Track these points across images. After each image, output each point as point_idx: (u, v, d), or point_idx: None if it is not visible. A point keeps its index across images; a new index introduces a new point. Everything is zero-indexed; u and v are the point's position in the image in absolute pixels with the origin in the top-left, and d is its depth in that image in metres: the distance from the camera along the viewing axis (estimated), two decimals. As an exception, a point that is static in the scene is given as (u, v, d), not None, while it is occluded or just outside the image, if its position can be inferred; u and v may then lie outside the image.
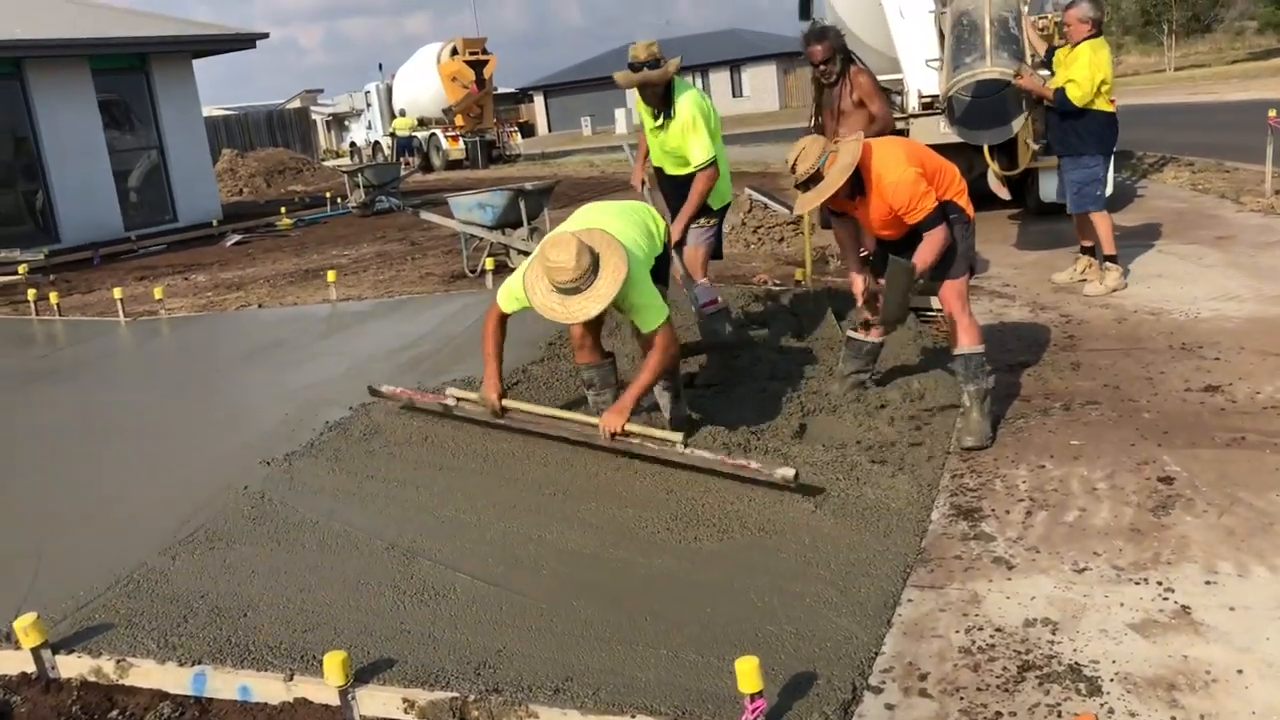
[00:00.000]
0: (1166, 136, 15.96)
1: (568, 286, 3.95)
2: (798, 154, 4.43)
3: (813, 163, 4.37)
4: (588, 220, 4.42)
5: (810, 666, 2.94)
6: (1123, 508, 3.77)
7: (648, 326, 4.20)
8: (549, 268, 3.95)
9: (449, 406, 4.81)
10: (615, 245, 4.06)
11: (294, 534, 3.97)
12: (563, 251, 3.92)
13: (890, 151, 4.47)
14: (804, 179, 4.41)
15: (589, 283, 3.96)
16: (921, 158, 4.52)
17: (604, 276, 3.98)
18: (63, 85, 15.91)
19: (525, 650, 3.10)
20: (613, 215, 4.51)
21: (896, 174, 4.39)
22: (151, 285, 10.65)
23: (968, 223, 4.64)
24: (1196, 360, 5.28)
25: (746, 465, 3.94)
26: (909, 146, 4.61)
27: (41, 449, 5.44)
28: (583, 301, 3.99)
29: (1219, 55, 47.16)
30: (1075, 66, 6.75)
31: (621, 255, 4.03)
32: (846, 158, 4.38)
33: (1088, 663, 2.85)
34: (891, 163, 4.42)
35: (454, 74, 28.42)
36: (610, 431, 4.21)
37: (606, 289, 3.97)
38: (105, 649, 3.21)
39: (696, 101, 5.33)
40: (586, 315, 4.05)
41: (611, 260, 4.00)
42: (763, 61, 52.12)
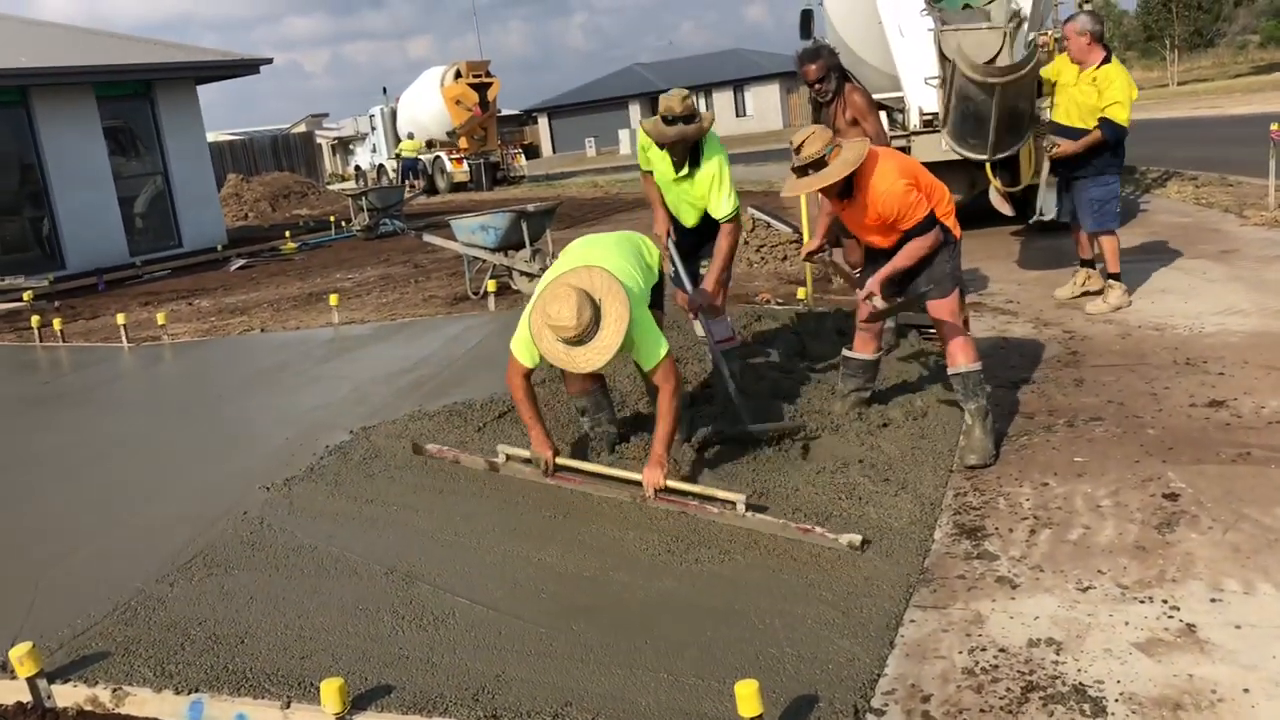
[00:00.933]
0: (1169, 151, 15.95)
1: (571, 339, 3.91)
2: (806, 136, 4.43)
3: (819, 148, 4.38)
4: (587, 257, 4.33)
5: (812, 689, 2.90)
6: (1127, 525, 3.73)
7: (649, 363, 4.14)
8: (551, 325, 3.90)
9: (496, 465, 4.62)
10: (615, 288, 3.98)
11: (292, 559, 3.95)
12: (563, 307, 3.86)
13: (887, 163, 4.50)
14: (807, 162, 4.41)
15: (592, 334, 3.91)
16: (915, 173, 4.55)
17: (606, 326, 3.92)
18: (68, 112, 16.00)
19: (524, 675, 3.07)
20: (610, 249, 4.44)
21: (887, 184, 4.43)
22: (155, 311, 10.68)
23: (954, 243, 4.67)
24: (1201, 375, 5.24)
25: (811, 530, 3.81)
26: (904, 162, 4.63)
27: (42, 475, 5.43)
28: (588, 353, 3.93)
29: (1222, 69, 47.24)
30: (1113, 89, 6.68)
31: (623, 299, 3.96)
32: (851, 154, 4.41)
33: (1092, 683, 2.82)
34: (885, 172, 4.46)
35: (458, 97, 28.57)
36: (654, 487, 4.11)
37: (610, 340, 3.91)
38: (101, 677, 3.19)
39: (725, 160, 5.17)
40: (593, 366, 3.99)
41: (613, 308, 3.94)
42: (766, 81, 52.31)
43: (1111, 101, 6.69)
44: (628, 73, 59.13)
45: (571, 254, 4.51)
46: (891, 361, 5.80)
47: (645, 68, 59.10)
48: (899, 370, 5.67)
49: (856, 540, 3.70)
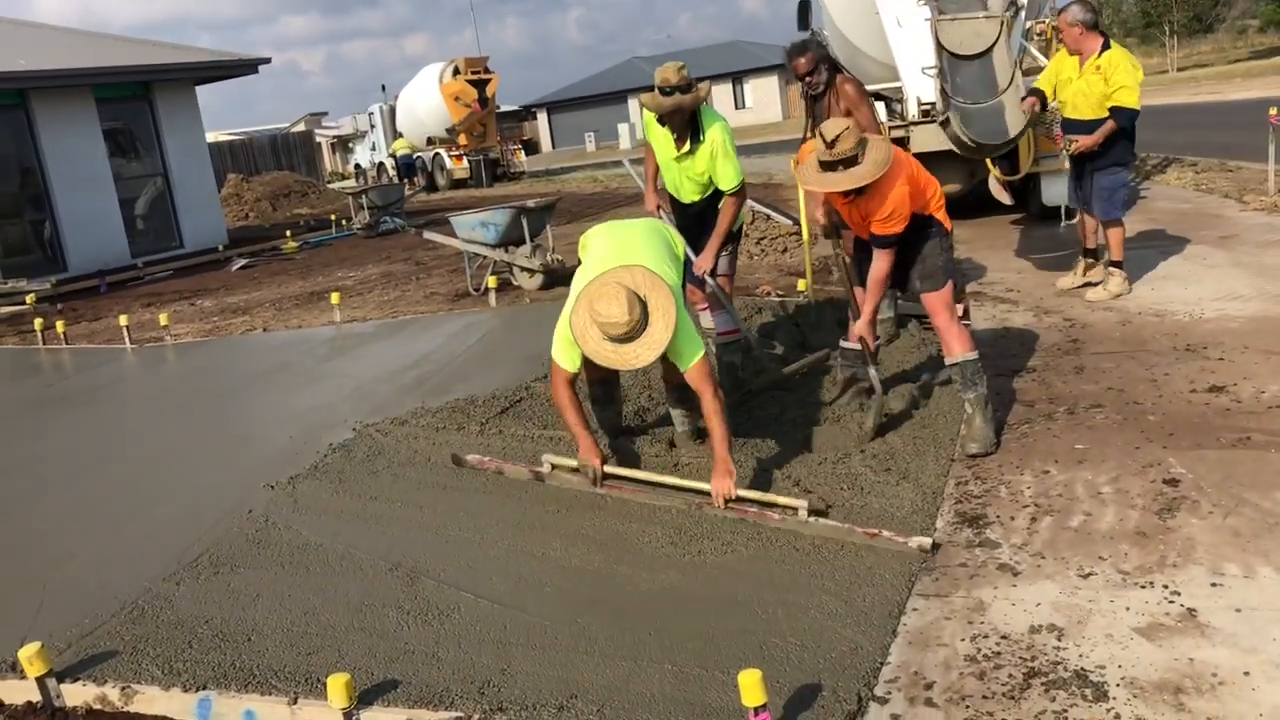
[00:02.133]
0: (1169, 137, 15.94)
1: (621, 335, 3.89)
2: (840, 131, 4.31)
3: (853, 145, 4.29)
4: (622, 254, 4.24)
5: (815, 678, 2.92)
6: (1128, 511, 3.74)
7: (686, 363, 4.09)
8: (601, 323, 3.88)
9: (542, 475, 4.50)
10: (660, 286, 3.98)
11: (298, 556, 3.97)
12: (613, 305, 3.84)
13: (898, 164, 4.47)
14: (840, 158, 4.32)
15: (641, 329, 3.90)
16: (913, 174, 4.54)
17: (655, 322, 3.91)
18: (67, 115, 16.01)
19: (529, 669, 3.09)
20: (640, 243, 4.36)
21: (898, 185, 4.42)
22: (158, 311, 10.70)
23: (946, 235, 4.69)
24: (1201, 361, 5.25)
25: (879, 534, 3.76)
26: (907, 159, 4.62)
27: (47, 477, 5.46)
28: (637, 349, 3.92)
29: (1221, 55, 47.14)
30: (1118, 74, 6.65)
31: (669, 297, 3.96)
32: (881, 154, 4.37)
33: (1094, 668, 2.83)
34: (897, 173, 4.44)
35: (457, 93, 28.54)
36: (725, 498, 4.01)
37: (661, 335, 3.90)
38: (110, 676, 3.21)
39: (726, 127, 5.24)
40: (643, 362, 3.98)
41: (660, 304, 3.93)
42: (765, 73, 52.22)
43: (1118, 86, 6.67)
44: (627, 66, 59.05)
45: (600, 247, 4.43)
46: (892, 352, 5.82)
47: (644, 61, 58.98)
48: (899, 360, 5.68)
49: (927, 543, 3.63)
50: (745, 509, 4.00)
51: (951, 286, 4.71)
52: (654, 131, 5.38)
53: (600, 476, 4.30)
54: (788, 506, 3.92)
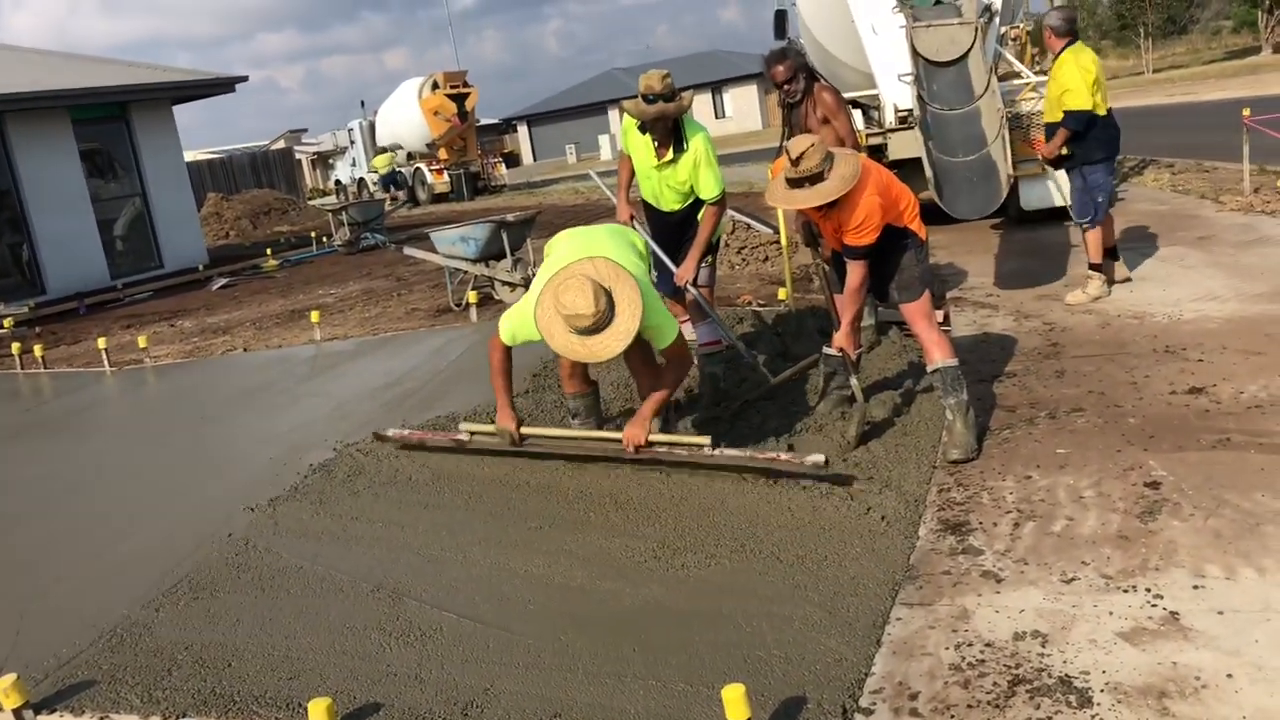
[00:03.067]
0: (1147, 139, 16.03)
1: (588, 328, 3.92)
2: (804, 149, 4.31)
3: (818, 162, 4.31)
4: (586, 247, 4.31)
5: (800, 690, 2.91)
6: (1110, 515, 3.75)
7: (663, 343, 4.24)
8: (566, 315, 3.90)
9: (463, 442, 4.71)
10: (624, 275, 4.02)
11: (278, 580, 3.94)
12: (578, 297, 3.87)
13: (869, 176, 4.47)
14: (805, 175, 4.33)
15: (608, 321, 3.94)
16: (885, 185, 4.54)
17: (622, 312, 3.95)
18: (43, 136, 15.92)
19: (513, 688, 3.07)
20: (604, 240, 4.44)
21: (868, 198, 4.42)
22: (138, 333, 10.63)
23: (921, 244, 4.69)
24: (1180, 362, 5.27)
25: (776, 458, 3.91)
26: (879, 172, 4.60)
27: (24, 503, 5.41)
28: (605, 340, 3.96)
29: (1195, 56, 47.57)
30: (1061, 76, 6.78)
31: (633, 285, 4.00)
32: (848, 169, 4.37)
33: (1078, 674, 2.83)
34: (869, 186, 4.44)
35: (436, 108, 28.53)
36: (635, 444, 4.25)
37: (628, 324, 3.95)
38: (88, 706, 3.18)
39: (708, 137, 5.24)
40: (612, 353, 4.02)
41: (625, 293, 3.97)
42: (744, 82, 52.38)
43: (1063, 89, 6.77)
44: (606, 77, 59.17)
45: (563, 246, 4.48)
46: (872, 359, 5.82)
47: (624, 72, 59.10)
48: (880, 368, 5.68)
49: (820, 459, 3.83)
50: (654, 451, 4.22)
51: (929, 296, 4.72)
52: (633, 139, 5.37)
53: (518, 438, 4.55)
54: (694, 444, 4.17)
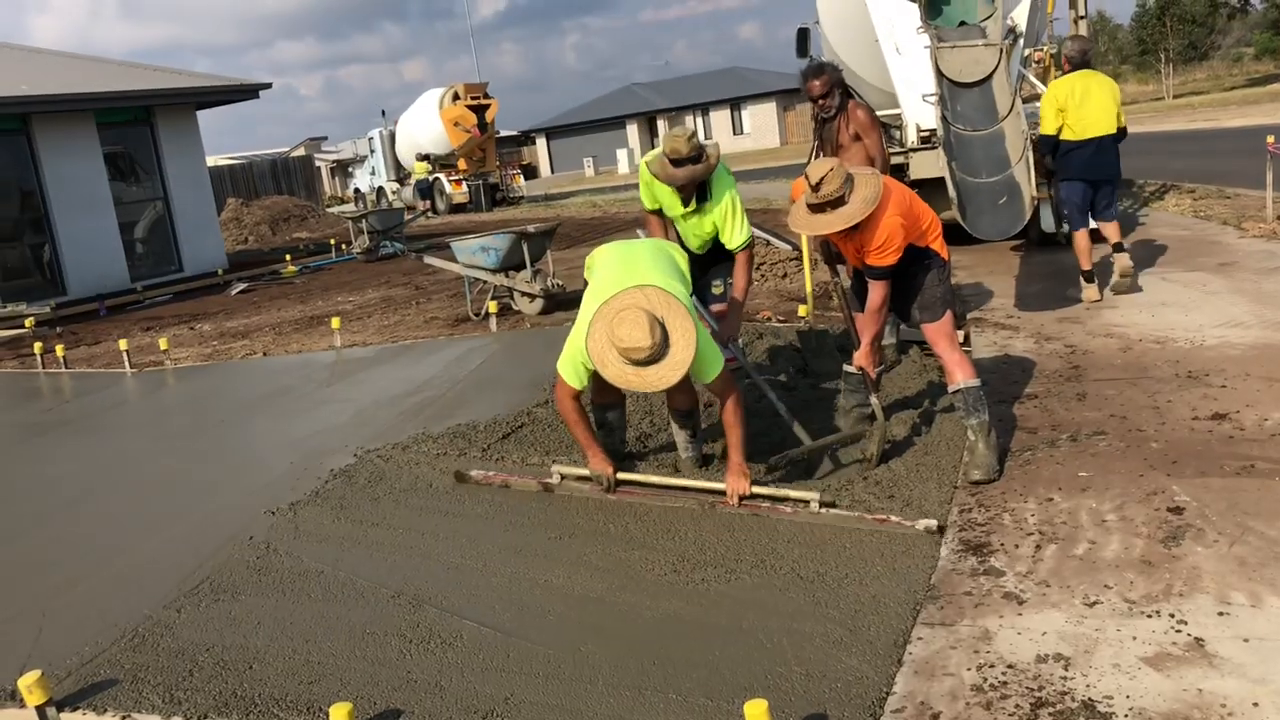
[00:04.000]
0: (1167, 164, 16.01)
1: (644, 359, 3.92)
2: (824, 173, 4.33)
3: (838, 186, 4.32)
4: (632, 274, 4.23)
5: (820, 708, 2.90)
6: (1133, 539, 3.73)
7: (709, 375, 4.18)
8: (622, 348, 3.90)
9: (552, 485, 4.58)
10: (676, 305, 4.00)
11: (299, 584, 3.95)
12: (635, 330, 3.87)
13: (891, 198, 4.48)
14: (826, 200, 4.34)
15: (663, 352, 3.93)
16: (907, 205, 4.54)
17: (676, 342, 3.94)
18: (68, 139, 16.07)
19: (533, 698, 3.07)
20: (649, 261, 4.36)
21: (889, 219, 4.42)
22: (157, 336, 10.70)
23: (943, 265, 4.69)
24: (1203, 388, 5.25)
25: (888, 520, 3.86)
26: (900, 192, 4.60)
27: (47, 503, 5.44)
28: (660, 371, 3.94)
29: (1217, 82, 47.44)
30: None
31: (686, 315, 3.99)
32: (870, 191, 4.37)
33: (1101, 699, 2.81)
34: (891, 207, 4.44)
35: (456, 118, 28.68)
36: (740, 495, 4.21)
37: (683, 355, 3.94)
38: (110, 705, 3.19)
39: (735, 187, 5.13)
40: (667, 384, 3.99)
41: (679, 324, 3.96)
42: (763, 99, 52.51)
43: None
44: (625, 93, 59.39)
45: (608, 269, 4.42)
46: (894, 379, 5.82)
47: (643, 87, 59.36)
48: (901, 387, 5.68)
49: (934, 525, 3.84)
50: (758, 505, 4.17)
51: (950, 316, 4.72)
52: (658, 190, 5.19)
53: (614, 484, 4.46)
54: (799, 499, 4.11)
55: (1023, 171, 7.31)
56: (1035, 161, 7.47)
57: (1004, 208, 7.12)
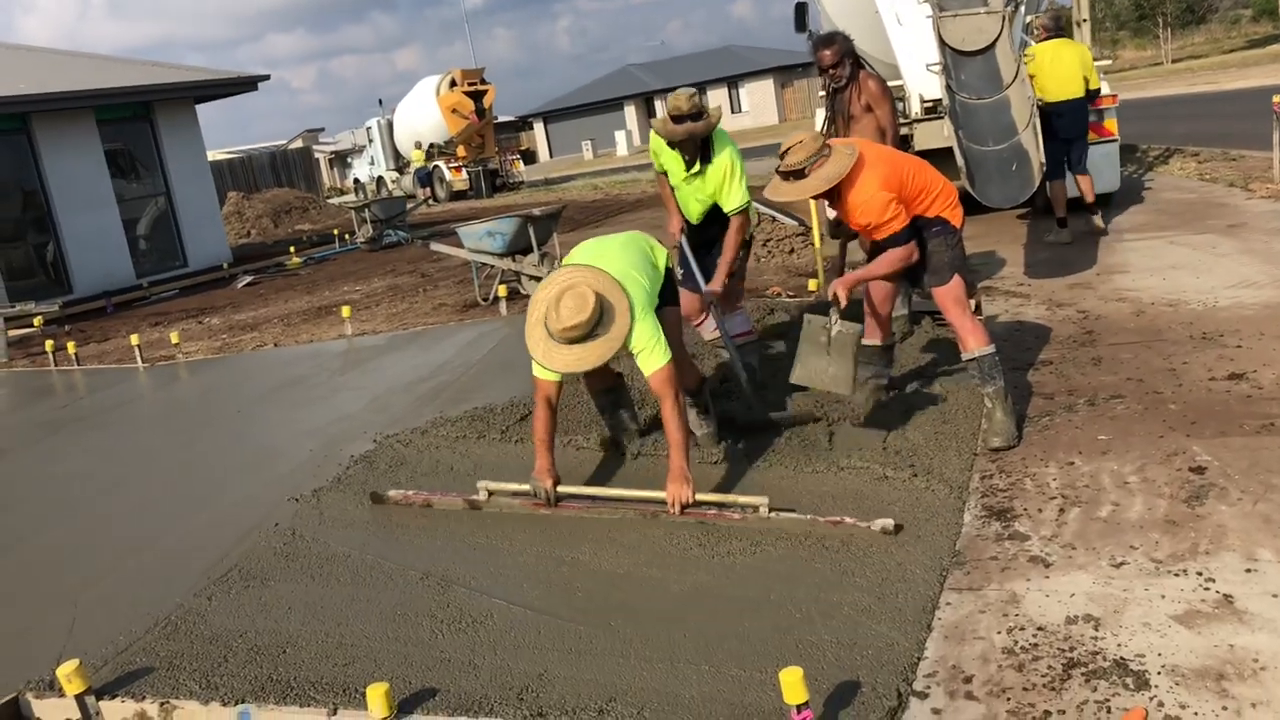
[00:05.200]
0: (1169, 128, 15.95)
1: (573, 337, 3.85)
2: (792, 144, 4.50)
3: (801, 159, 4.43)
4: (594, 258, 4.22)
5: (854, 675, 2.92)
6: (1156, 500, 3.75)
7: (648, 369, 4.00)
8: (551, 328, 3.85)
9: (478, 503, 4.36)
10: (611, 284, 3.95)
11: (327, 568, 3.98)
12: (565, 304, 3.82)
13: (873, 171, 4.46)
14: (789, 170, 4.47)
15: (594, 332, 3.86)
16: (902, 180, 4.51)
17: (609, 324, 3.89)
18: (69, 137, 16.04)
19: (566, 673, 3.10)
20: (615, 252, 4.30)
21: (865, 195, 4.43)
22: (166, 330, 10.73)
23: (953, 232, 4.66)
24: (1219, 349, 5.26)
25: (841, 521, 3.78)
26: (893, 168, 4.56)
27: (70, 497, 5.47)
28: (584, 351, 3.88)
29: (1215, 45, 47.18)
30: None
31: (618, 294, 3.93)
32: (833, 169, 4.41)
33: (1133, 657, 2.83)
34: (865, 184, 4.44)
35: (454, 105, 28.59)
36: (681, 504, 4.00)
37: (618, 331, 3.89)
38: (148, 692, 3.22)
39: (736, 150, 5.21)
40: (587, 365, 3.93)
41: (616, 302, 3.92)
42: (760, 76, 52.31)
43: None
44: (622, 74, 59.15)
45: (576, 257, 4.40)
46: (908, 349, 5.82)
47: (639, 68, 59.11)
48: (916, 357, 5.69)
49: (890, 525, 3.73)
50: (704, 512, 4.01)
51: (960, 281, 4.70)
52: (664, 155, 5.35)
53: (554, 497, 4.21)
54: (748, 504, 3.96)
55: (1030, 138, 7.29)
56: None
57: (1013, 175, 7.11)
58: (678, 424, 4.01)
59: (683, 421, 4.06)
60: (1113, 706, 2.64)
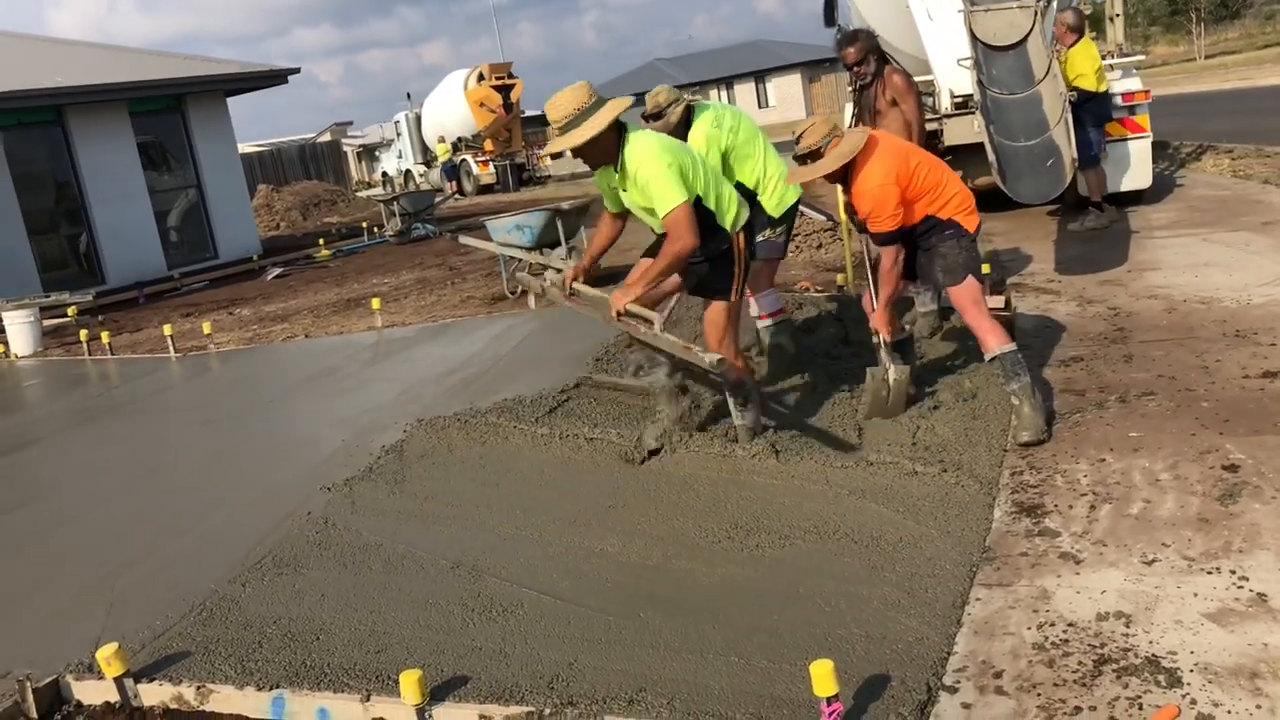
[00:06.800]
0: (1202, 124, 15.79)
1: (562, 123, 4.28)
2: (806, 128, 4.68)
3: (815, 140, 4.58)
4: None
5: (883, 669, 2.93)
6: (1188, 498, 3.73)
7: (660, 208, 4.20)
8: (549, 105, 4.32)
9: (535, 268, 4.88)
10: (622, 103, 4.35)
11: (360, 556, 4.02)
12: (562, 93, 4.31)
13: (881, 162, 4.50)
14: (802, 153, 4.62)
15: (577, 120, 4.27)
16: (911, 174, 4.54)
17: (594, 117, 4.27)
18: (102, 129, 16.23)
19: (596, 663, 3.12)
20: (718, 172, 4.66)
21: (871, 183, 4.49)
22: (198, 321, 10.84)
23: (966, 235, 4.68)
24: (1252, 347, 5.21)
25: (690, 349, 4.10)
26: (902, 161, 4.56)
27: (106, 484, 5.55)
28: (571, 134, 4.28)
29: (1249, 41, 46.56)
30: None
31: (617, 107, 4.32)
32: (845, 146, 4.52)
33: (1165, 654, 2.82)
34: (874, 172, 4.50)
35: (482, 99, 28.64)
36: (615, 310, 4.30)
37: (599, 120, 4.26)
38: (185, 676, 3.27)
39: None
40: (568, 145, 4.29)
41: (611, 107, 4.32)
42: (787, 71, 52.15)
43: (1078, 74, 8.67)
44: (648, 69, 59.08)
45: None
46: (937, 345, 5.81)
47: (666, 63, 59.07)
48: (944, 352, 5.67)
49: (715, 359, 3.98)
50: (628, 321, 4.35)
51: (974, 282, 4.69)
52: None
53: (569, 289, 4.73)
54: (646, 318, 4.29)
55: (1062, 134, 7.25)
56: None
57: (1045, 171, 7.07)
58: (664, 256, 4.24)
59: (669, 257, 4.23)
60: (1144, 703, 2.64)
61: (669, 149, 4.32)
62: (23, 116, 15.51)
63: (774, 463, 4.35)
